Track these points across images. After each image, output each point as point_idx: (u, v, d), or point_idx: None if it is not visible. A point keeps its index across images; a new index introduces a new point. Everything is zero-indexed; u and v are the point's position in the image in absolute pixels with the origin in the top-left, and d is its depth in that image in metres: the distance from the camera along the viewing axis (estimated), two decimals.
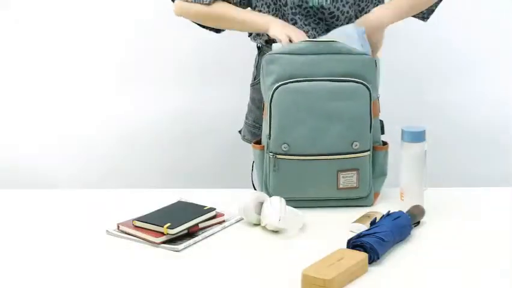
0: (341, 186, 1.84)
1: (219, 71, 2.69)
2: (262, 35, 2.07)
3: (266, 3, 2.04)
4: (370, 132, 1.84)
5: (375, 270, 1.53)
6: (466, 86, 2.69)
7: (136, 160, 2.74)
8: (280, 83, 1.81)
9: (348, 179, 1.84)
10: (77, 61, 2.69)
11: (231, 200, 1.88)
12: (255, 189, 1.96)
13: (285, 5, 2.01)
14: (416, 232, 1.71)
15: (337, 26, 2.01)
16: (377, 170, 1.89)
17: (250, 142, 2.02)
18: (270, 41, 2.04)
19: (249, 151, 1.95)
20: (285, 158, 1.83)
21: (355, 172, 1.84)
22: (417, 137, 1.78)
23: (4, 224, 1.82)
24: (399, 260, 1.58)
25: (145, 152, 2.73)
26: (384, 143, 1.91)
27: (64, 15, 2.65)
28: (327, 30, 2.01)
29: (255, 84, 2.16)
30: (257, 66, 2.17)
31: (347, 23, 2.01)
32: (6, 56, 2.69)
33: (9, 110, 2.72)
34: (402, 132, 1.79)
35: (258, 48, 2.16)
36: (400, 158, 1.81)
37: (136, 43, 2.67)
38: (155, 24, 2.65)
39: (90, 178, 2.72)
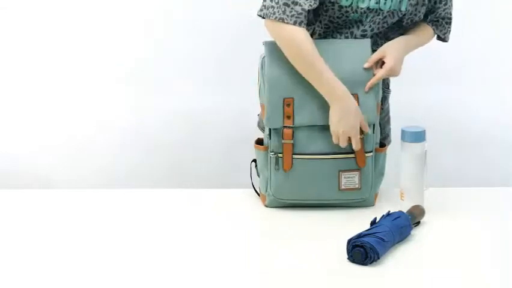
0: (342, 187, 1.83)
1: (222, 71, 2.68)
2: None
3: (330, 17, 1.87)
4: (373, 132, 1.84)
5: (375, 270, 1.53)
6: (466, 86, 2.68)
7: (136, 160, 2.73)
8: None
9: (350, 180, 1.83)
10: (77, 61, 2.68)
11: (230, 200, 1.88)
12: (254, 189, 1.96)
13: (355, 11, 1.84)
14: (416, 232, 1.71)
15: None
16: (377, 171, 1.88)
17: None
18: None
19: (249, 151, 1.95)
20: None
21: (357, 173, 1.83)
22: (417, 137, 1.78)
23: (4, 224, 1.82)
24: (399, 260, 1.58)
25: (144, 152, 2.73)
26: (383, 144, 1.91)
27: (64, 15, 2.65)
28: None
29: None
30: None
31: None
32: (6, 56, 2.69)
33: (9, 110, 2.72)
34: (402, 132, 1.79)
35: None
36: (400, 158, 1.80)
37: (136, 42, 2.67)
38: (157, 23, 2.65)
39: (90, 178, 2.72)
